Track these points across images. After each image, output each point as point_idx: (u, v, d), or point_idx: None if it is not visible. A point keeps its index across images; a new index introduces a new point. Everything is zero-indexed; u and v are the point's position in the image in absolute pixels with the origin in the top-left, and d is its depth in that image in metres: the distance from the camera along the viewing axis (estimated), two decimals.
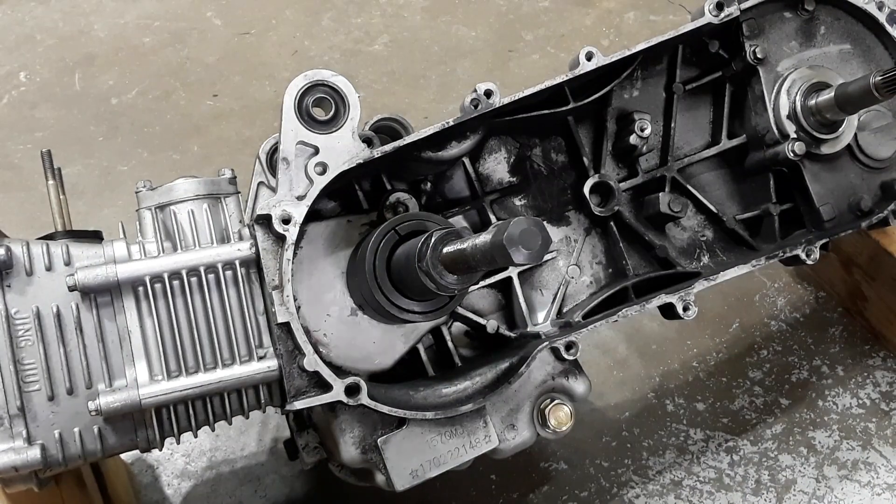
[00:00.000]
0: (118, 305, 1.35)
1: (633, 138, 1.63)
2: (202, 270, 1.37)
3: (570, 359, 1.47)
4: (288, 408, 1.33)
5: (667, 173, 1.70)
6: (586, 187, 1.66)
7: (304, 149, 1.37)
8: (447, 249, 1.18)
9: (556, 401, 1.47)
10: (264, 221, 1.34)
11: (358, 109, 1.39)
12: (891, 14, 1.75)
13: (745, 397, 2.14)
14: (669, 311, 1.53)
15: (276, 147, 1.47)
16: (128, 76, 3.05)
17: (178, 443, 1.43)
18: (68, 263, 1.36)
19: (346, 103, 1.38)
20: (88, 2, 3.36)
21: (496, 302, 1.63)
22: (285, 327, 1.33)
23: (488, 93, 1.43)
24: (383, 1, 3.35)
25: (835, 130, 1.69)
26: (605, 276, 1.70)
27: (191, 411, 1.40)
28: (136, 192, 1.46)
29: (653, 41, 1.55)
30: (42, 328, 1.32)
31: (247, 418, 1.47)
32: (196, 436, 1.46)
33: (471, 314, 1.58)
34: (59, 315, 1.33)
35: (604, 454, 2.04)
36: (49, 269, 1.35)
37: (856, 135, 1.73)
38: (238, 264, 1.39)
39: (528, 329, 1.59)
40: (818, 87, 1.68)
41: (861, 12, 1.75)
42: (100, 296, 1.35)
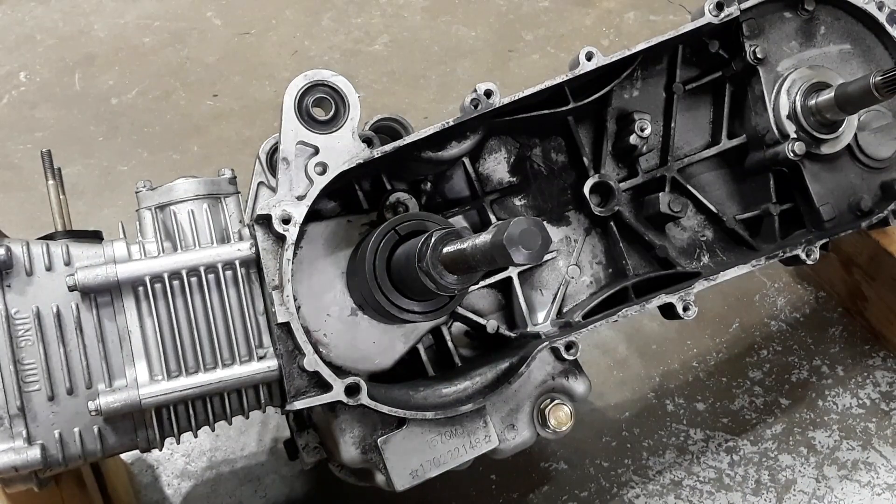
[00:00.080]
0: (118, 305, 1.35)
1: (633, 138, 1.63)
2: (202, 270, 1.37)
3: (570, 359, 1.47)
4: (288, 408, 1.33)
5: (667, 173, 1.70)
6: (586, 187, 1.66)
7: (304, 149, 1.37)
8: (447, 249, 1.18)
9: (556, 401, 1.47)
10: (264, 221, 1.34)
11: (358, 109, 1.39)
12: (891, 14, 1.75)
13: (745, 397, 2.14)
14: (669, 311, 1.53)
15: (276, 147, 1.47)
16: (128, 76, 3.05)
17: (178, 443, 1.43)
18: (68, 263, 1.36)
19: (346, 103, 1.38)
20: (88, 2, 3.36)
21: (496, 302, 1.63)
22: (285, 327, 1.33)
23: (488, 93, 1.43)
24: (383, 1, 3.35)
25: (835, 130, 1.69)
26: (605, 276, 1.70)
27: (191, 411, 1.40)
28: (136, 192, 1.47)
29: (653, 41, 1.55)
30: (42, 328, 1.32)
31: (247, 418, 1.47)
32: (196, 436, 1.46)
33: (471, 314, 1.58)
34: (59, 315, 1.33)
35: (604, 454, 2.04)
36: (49, 269, 1.35)
37: (856, 135, 1.73)
38: (238, 264, 1.39)
39: (528, 329, 1.59)
40: (818, 87, 1.68)
41: (861, 12, 1.75)
42: (100, 296, 1.35)
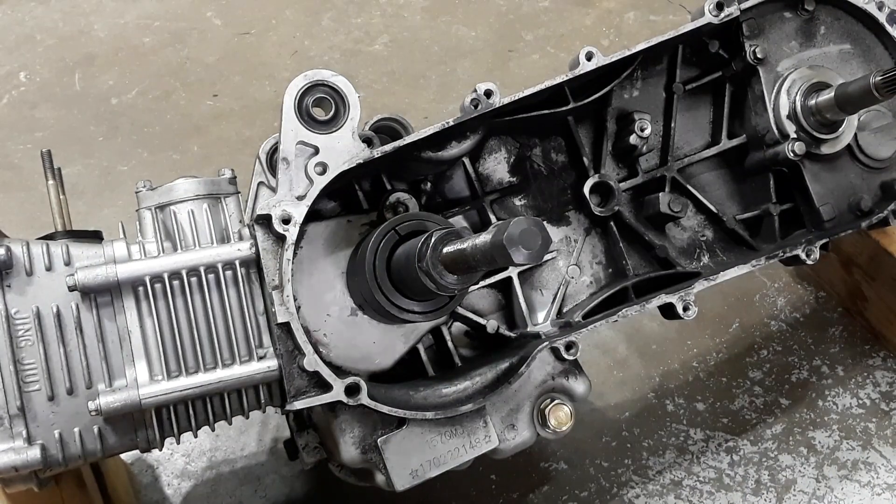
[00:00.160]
0: (118, 305, 1.35)
1: (633, 138, 1.63)
2: (202, 270, 1.37)
3: (570, 359, 1.47)
4: (288, 408, 1.33)
5: (667, 173, 1.70)
6: (586, 187, 1.66)
7: (304, 149, 1.37)
8: (447, 249, 1.18)
9: (556, 401, 1.47)
10: (264, 221, 1.34)
11: (358, 109, 1.39)
12: (891, 14, 1.75)
13: (745, 397, 2.14)
14: (669, 311, 1.53)
15: (276, 147, 1.47)
16: (128, 76, 3.05)
17: (178, 443, 1.43)
18: (68, 263, 1.36)
19: (346, 103, 1.38)
20: (88, 2, 3.36)
21: (496, 302, 1.63)
22: (285, 327, 1.33)
23: (488, 93, 1.43)
24: (383, 1, 3.35)
25: (835, 130, 1.69)
26: (605, 276, 1.70)
27: (191, 411, 1.40)
28: (136, 192, 1.47)
29: (653, 41, 1.55)
30: (42, 328, 1.32)
31: (247, 418, 1.47)
32: (196, 436, 1.46)
33: (471, 314, 1.58)
34: (59, 315, 1.33)
35: (604, 454, 2.04)
36: (49, 269, 1.35)
37: (856, 135, 1.73)
38: (238, 264, 1.39)
39: (528, 329, 1.59)
40: (818, 87, 1.68)
41: (861, 12, 1.75)
42: (100, 296, 1.35)
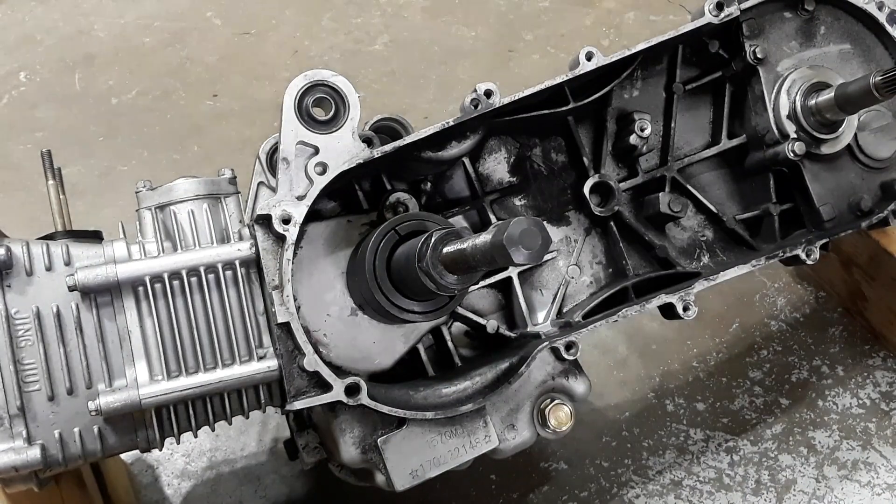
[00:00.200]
0: (118, 305, 1.35)
1: (633, 138, 1.63)
2: (202, 270, 1.37)
3: (570, 359, 1.47)
4: (288, 408, 1.33)
5: (667, 173, 1.70)
6: (586, 187, 1.66)
7: (304, 149, 1.36)
8: (447, 249, 1.18)
9: (556, 401, 1.47)
10: (264, 221, 1.34)
11: (358, 109, 1.39)
12: (891, 14, 1.75)
13: (745, 397, 2.14)
14: (669, 311, 1.53)
15: (276, 147, 1.47)
16: (128, 76, 3.05)
17: (178, 443, 1.43)
18: (68, 263, 1.36)
19: (346, 103, 1.38)
20: (88, 2, 3.36)
21: (496, 302, 1.63)
22: (285, 327, 1.32)
23: (488, 93, 1.42)
24: (383, 1, 3.35)
25: (835, 130, 1.69)
26: (605, 276, 1.70)
27: (191, 411, 1.40)
28: (136, 193, 1.46)
29: (653, 41, 1.55)
30: (42, 328, 1.32)
31: (247, 418, 1.47)
32: (196, 436, 1.46)
33: (471, 314, 1.58)
34: (59, 315, 1.33)
35: (604, 454, 2.04)
36: (49, 269, 1.35)
37: (856, 135, 1.73)
38: (238, 264, 1.39)
39: (528, 329, 1.59)
40: (818, 87, 1.68)
41: (861, 12, 1.75)
42: (100, 296, 1.35)
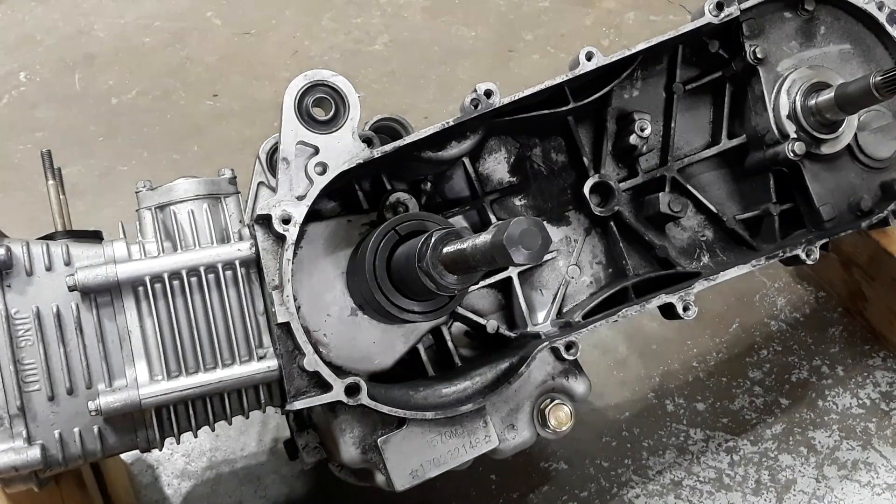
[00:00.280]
0: (118, 305, 1.35)
1: (633, 138, 1.63)
2: (202, 270, 1.37)
3: (570, 359, 1.47)
4: (288, 408, 1.33)
5: (667, 173, 1.70)
6: (586, 187, 1.66)
7: (304, 149, 1.36)
8: (447, 249, 1.18)
9: (556, 401, 1.47)
10: (264, 221, 1.34)
11: (358, 109, 1.39)
12: (891, 14, 1.75)
13: (745, 397, 2.14)
14: (669, 311, 1.53)
15: (276, 147, 1.47)
16: (128, 76, 3.05)
17: (178, 443, 1.43)
18: (68, 263, 1.36)
19: (346, 103, 1.38)
20: (88, 2, 3.36)
21: (496, 302, 1.63)
22: (285, 327, 1.32)
23: (488, 93, 1.42)
24: (383, 1, 3.35)
25: (835, 130, 1.69)
26: (605, 276, 1.70)
27: (191, 411, 1.40)
28: (136, 193, 1.46)
29: (653, 41, 1.55)
30: (42, 328, 1.32)
31: (247, 418, 1.47)
32: (196, 436, 1.46)
33: (471, 314, 1.58)
34: (59, 315, 1.33)
35: (604, 454, 2.04)
36: (49, 269, 1.35)
37: (856, 135, 1.73)
38: (238, 264, 1.39)
39: (528, 329, 1.59)
40: (818, 87, 1.68)
41: (861, 12, 1.75)
42: (100, 296, 1.35)
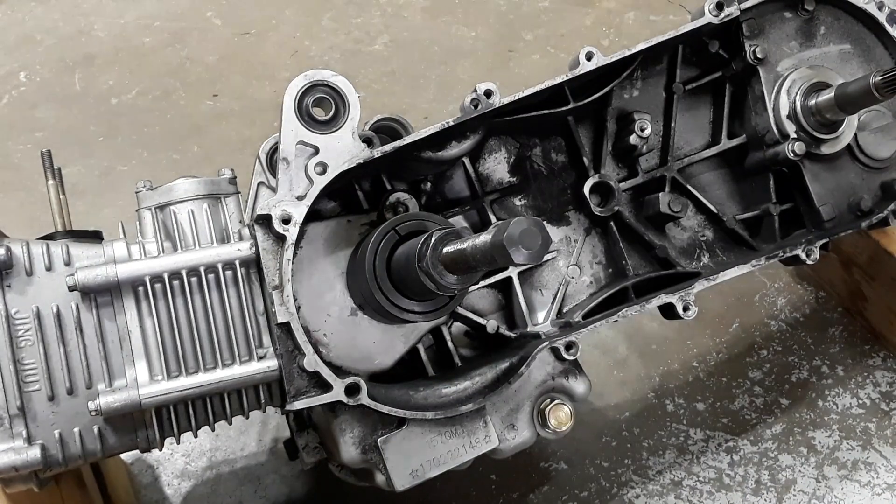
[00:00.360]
0: (118, 305, 1.35)
1: (633, 138, 1.63)
2: (202, 270, 1.37)
3: (570, 359, 1.47)
4: (288, 408, 1.33)
5: (667, 173, 1.70)
6: (586, 187, 1.66)
7: (304, 149, 1.36)
8: (447, 249, 1.18)
9: (556, 401, 1.47)
10: (264, 221, 1.34)
11: (358, 109, 1.39)
12: (891, 14, 1.75)
13: (745, 397, 2.14)
14: (669, 311, 1.53)
15: (276, 147, 1.47)
16: (128, 76, 3.05)
17: (178, 443, 1.43)
18: (68, 263, 1.36)
19: (346, 103, 1.38)
20: (88, 2, 3.36)
21: (496, 302, 1.63)
22: (285, 327, 1.32)
23: (488, 93, 1.42)
24: (383, 1, 3.35)
25: (835, 130, 1.69)
26: (605, 276, 1.70)
27: (191, 411, 1.40)
28: (136, 193, 1.47)
29: (653, 41, 1.55)
30: (42, 328, 1.32)
31: (247, 418, 1.47)
32: (196, 436, 1.46)
33: (471, 314, 1.58)
34: (59, 315, 1.33)
35: (604, 454, 2.04)
36: (49, 269, 1.35)
37: (856, 135, 1.73)
38: (238, 264, 1.39)
39: (528, 329, 1.59)
40: (818, 87, 1.68)
41: (861, 12, 1.75)
42: (100, 296, 1.35)
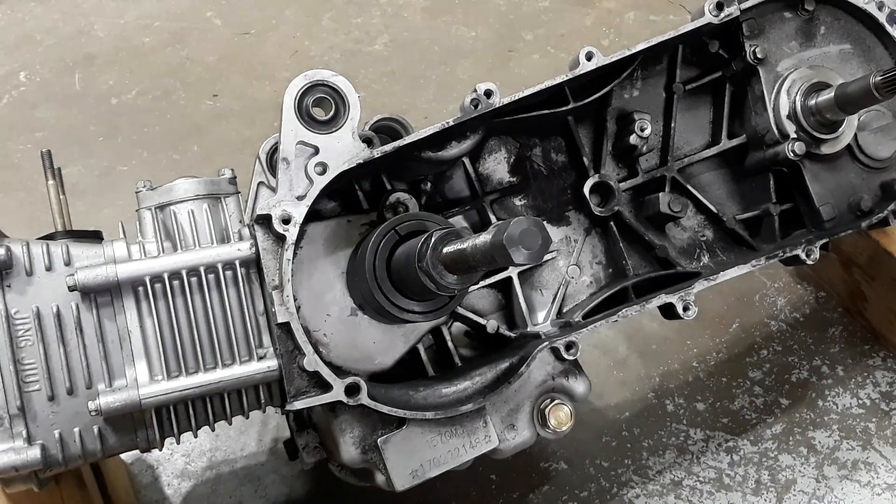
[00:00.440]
0: (118, 305, 1.35)
1: (633, 138, 1.63)
2: (202, 270, 1.37)
3: (570, 359, 1.47)
4: (288, 408, 1.33)
5: (667, 173, 1.70)
6: (586, 187, 1.66)
7: (304, 149, 1.36)
8: (447, 249, 1.18)
9: (556, 401, 1.47)
10: (264, 221, 1.34)
11: (358, 109, 1.39)
12: (891, 14, 1.75)
13: (745, 397, 2.14)
14: (669, 311, 1.53)
15: (276, 147, 1.47)
16: (128, 76, 3.05)
17: (178, 443, 1.43)
18: (68, 263, 1.36)
19: (346, 103, 1.38)
20: (88, 2, 3.36)
21: (496, 302, 1.63)
22: (285, 327, 1.32)
23: (488, 93, 1.42)
24: (383, 1, 3.35)
25: (835, 130, 1.69)
26: (605, 276, 1.70)
27: (191, 411, 1.40)
28: (136, 193, 1.47)
29: (653, 41, 1.55)
30: (42, 328, 1.32)
31: (247, 418, 1.47)
32: (196, 436, 1.46)
33: (471, 314, 1.58)
34: (59, 315, 1.33)
35: (604, 454, 2.04)
36: (49, 269, 1.35)
37: (856, 135, 1.73)
38: (238, 264, 1.39)
39: (528, 329, 1.59)
40: (818, 87, 1.68)
41: (861, 12, 1.75)
42: (100, 296, 1.35)
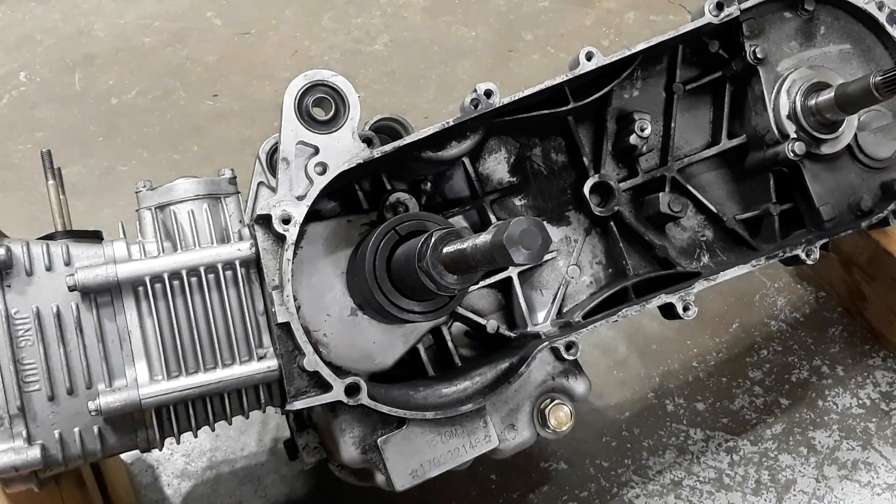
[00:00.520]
0: (118, 305, 1.35)
1: (633, 138, 1.63)
2: (202, 270, 1.37)
3: (570, 359, 1.47)
4: (288, 408, 1.33)
5: (667, 173, 1.70)
6: (586, 187, 1.66)
7: (304, 149, 1.37)
8: (447, 249, 1.18)
9: (556, 401, 1.47)
10: (264, 221, 1.34)
11: (358, 109, 1.39)
12: (891, 14, 1.75)
13: (745, 397, 2.14)
14: (669, 311, 1.53)
15: (276, 147, 1.47)
16: (128, 76, 3.05)
17: (178, 443, 1.43)
18: (68, 263, 1.36)
19: (346, 103, 1.38)
20: (88, 2, 3.36)
21: (496, 302, 1.63)
22: (285, 327, 1.33)
23: (488, 93, 1.43)
24: (383, 1, 3.35)
25: (835, 130, 1.69)
26: (605, 276, 1.70)
27: (191, 411, 1.40)
28: (136, 193, 1.47)
29: (653, 41, 1.55)
30: (42, 328, 1.32)
31: (247, 418, 1.47)
32: (196, 436, 1.46)
33: (471, 314, 1.58)
34: (59, 315, 1.33)
35: (604, 454, 2.04)
36: (49, 269, 1.35)
37: (856, 135, 1.73)
38: (238, 264, 1.39)
39: (528, 329, 1.59)
40: (818, 87, 1.68)
41: (861, 12, 1.75)
42: (100, 296, 1.35)
